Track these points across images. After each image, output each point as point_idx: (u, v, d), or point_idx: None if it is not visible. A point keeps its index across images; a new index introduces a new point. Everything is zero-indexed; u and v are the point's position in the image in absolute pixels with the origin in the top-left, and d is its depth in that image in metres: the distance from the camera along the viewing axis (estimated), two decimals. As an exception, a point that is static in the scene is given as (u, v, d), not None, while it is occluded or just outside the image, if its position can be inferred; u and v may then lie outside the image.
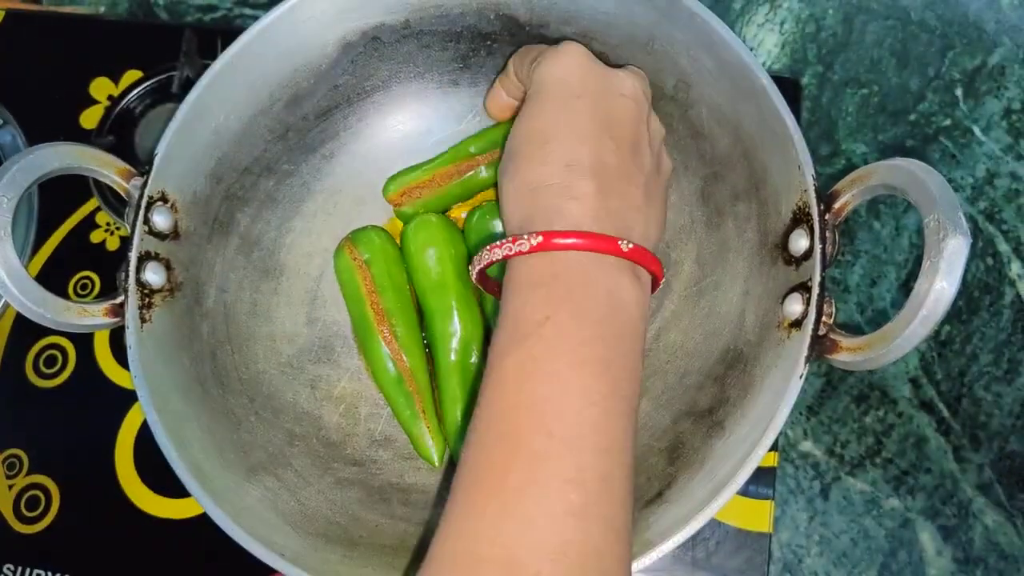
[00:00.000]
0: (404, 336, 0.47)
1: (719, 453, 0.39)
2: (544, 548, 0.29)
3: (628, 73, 0.40)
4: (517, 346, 0.33)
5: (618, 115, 0.38)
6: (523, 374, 0.33)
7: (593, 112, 0.37)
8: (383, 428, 0.49)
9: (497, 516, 0.30)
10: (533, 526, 0.29)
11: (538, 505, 0.30)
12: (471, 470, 0.32)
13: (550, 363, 0.32)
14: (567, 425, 0.31)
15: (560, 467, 0.31)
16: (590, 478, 0.31)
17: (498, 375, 0.33)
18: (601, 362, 0.33)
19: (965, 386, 0.53)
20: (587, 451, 0.31)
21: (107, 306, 0.41)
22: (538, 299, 0.34)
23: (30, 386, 0.56)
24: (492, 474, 0.31)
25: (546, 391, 0.32)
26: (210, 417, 0.43)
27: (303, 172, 0.51)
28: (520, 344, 0.33)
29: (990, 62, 0.59)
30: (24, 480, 0.54)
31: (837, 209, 0.38)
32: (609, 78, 0.39)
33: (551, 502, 0.30)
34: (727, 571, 0.49)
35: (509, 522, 0.30)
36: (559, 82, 0.39)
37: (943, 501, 0.51)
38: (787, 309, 0.39)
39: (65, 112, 0.61)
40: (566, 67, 0.39)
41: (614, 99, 0.38)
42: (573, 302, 0.34)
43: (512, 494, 0.30)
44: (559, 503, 0.30)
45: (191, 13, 0.65)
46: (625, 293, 0.35)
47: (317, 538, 0.41)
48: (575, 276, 0.34)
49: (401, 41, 0.49)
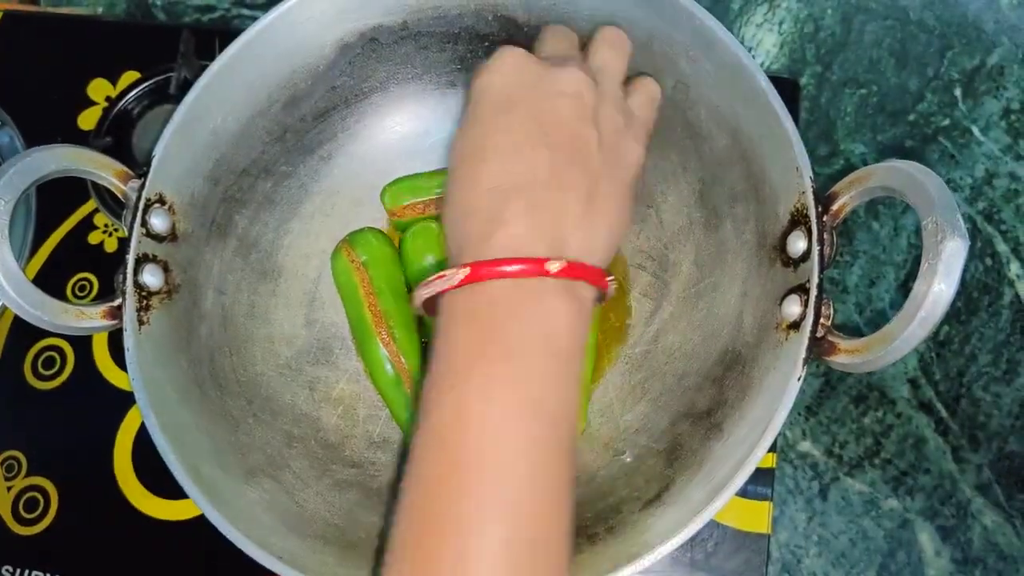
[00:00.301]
0: (402, 338, 0.47)
1: (717, 455, 0.39)
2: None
3: (572, 66, 0.37)
4: (448, 391, 0.32)
5: (556, 117, 0.35)
6: (455, 425, 0.32)
7: (525, 122, 0.35)
8: (381, 430, 0.49)
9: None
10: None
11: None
12: (402, 539, 0.32)
13: (480, 411, 0.31)
14: (499, 488, 0.30)
15: (490, 540, 0.30)
16: (522, 549, 0.30)
17: (428, 425, 0.32)
18: (534, 403, 0.32)
19: (964, 387, 0.53)
20: (523, 516, 0.30)
21: (105, 308, 0.41)
22: (468, 338, 0.33)
23: (29, 388, 0.56)
24: (421, 548, 0.31)
25: (477, 445, 0.31)
26: (208, 419, 0.43)
27: (301, 174, 0.50)
28: (451, 389, 0.32)
29: (989, 62, 0.59)
30: (23, 482, 0.54)
31: (835, 211, 0.38)
32: (545, 78, 0.36)
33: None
34: (725, 572, 0.49)
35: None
36: (492, 94, 0.36)
37: (942, 502, 0.51)
38: (785, 311, 0.39)
39: (63, 113, 0.61)
40: (499, 75, 0.37)
41: (551, 100, 0.36)
42: (502, 340, 0.32)
43: (441, 570, 0.30)
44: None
45: (189, 14, 0.65)
46: (558, 319, 0.33)
47: (315, 540, 0.41)
48: (503, 309, 0.33)
49: (399, 42, 0.49)
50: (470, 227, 0.35)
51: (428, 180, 0.50)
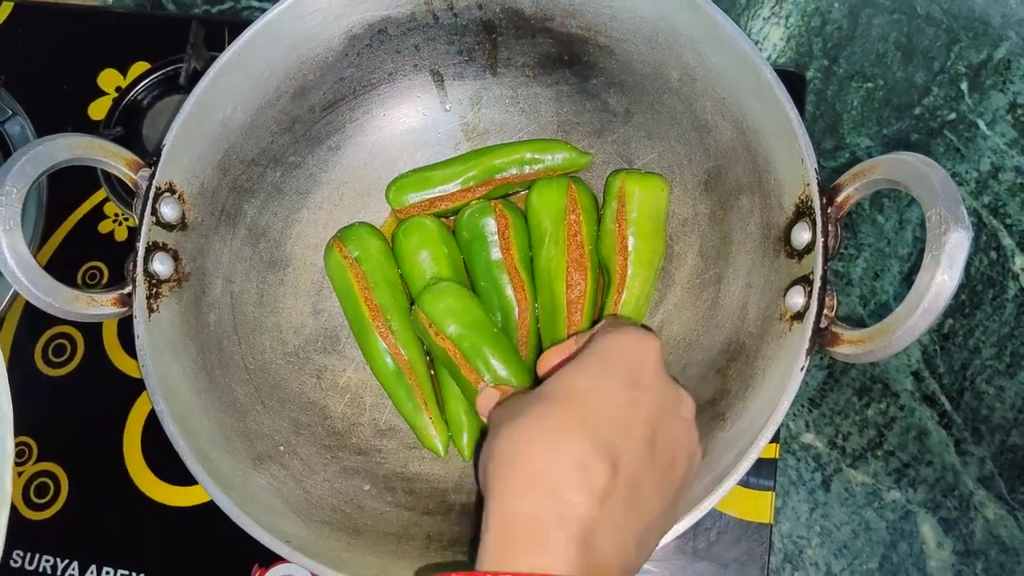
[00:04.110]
0: (400, 330, 0.47)
1: (720, 444, 0.40)
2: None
3: (688, 395, 0.36)
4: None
5: (668, 432, 0.33)
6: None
7: (648, 416, 0.32)
8: (387, 418, 0.49)
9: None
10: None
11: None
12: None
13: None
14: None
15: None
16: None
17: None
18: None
19: (967, 380, 0.53)
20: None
21: (115, 296, 0.41)
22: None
23: (39, 374, 0.56)
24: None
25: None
26: (217, 406, 0.43)
27: (309, 164, 0.51)
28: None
29: (996, 56, 0.59)
30: (33, 467, 0.55)
31: (839, 203, 0.38)
32: (675, 390, 0.35)
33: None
34: (727, 561, 0.49)
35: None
36: (628, 358, 0.34)
37: (944, 494, 0.52)
38: (789, 302, 0.39)
39: (73, 103, 0.62)
40: (639, 349, 0.34)
41: (672, 415, 0.34)
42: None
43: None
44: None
45: (198, 5, 0.65)
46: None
47: (322, 526, 0.42)
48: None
49: (407, 34, 0.49)
50: (556, 473, 0.30)
51: (434, 172, 0.50)
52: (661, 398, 0.34)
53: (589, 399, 0.32)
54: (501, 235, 0.48)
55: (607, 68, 0.48)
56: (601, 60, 0.48)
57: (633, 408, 0.32)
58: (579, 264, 0.47)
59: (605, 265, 0.48)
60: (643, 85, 0.48)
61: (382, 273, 0.48)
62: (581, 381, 0.33)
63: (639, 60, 0.46)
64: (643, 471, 0.32)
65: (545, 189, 0.48)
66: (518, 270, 0.48)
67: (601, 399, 0.32)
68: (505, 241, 0.48)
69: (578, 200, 0.48)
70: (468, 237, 0.49)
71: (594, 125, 0.51)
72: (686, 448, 0.34)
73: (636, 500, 0.31)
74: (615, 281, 0.46)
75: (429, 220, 0.49)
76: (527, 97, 0.52)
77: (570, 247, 0.47)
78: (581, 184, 0.49)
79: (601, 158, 0.51)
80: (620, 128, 0.50)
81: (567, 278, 0.47)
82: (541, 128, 0.52)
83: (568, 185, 0.48)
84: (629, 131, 0.50)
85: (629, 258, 0.46)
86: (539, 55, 0.50)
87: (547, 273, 0.47)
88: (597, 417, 0.32)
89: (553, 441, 0.31)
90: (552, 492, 0.30)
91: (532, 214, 0.49)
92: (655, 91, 0.47)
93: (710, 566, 0.49)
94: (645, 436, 0.32)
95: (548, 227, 0.48)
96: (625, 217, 0.46)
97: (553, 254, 0.47)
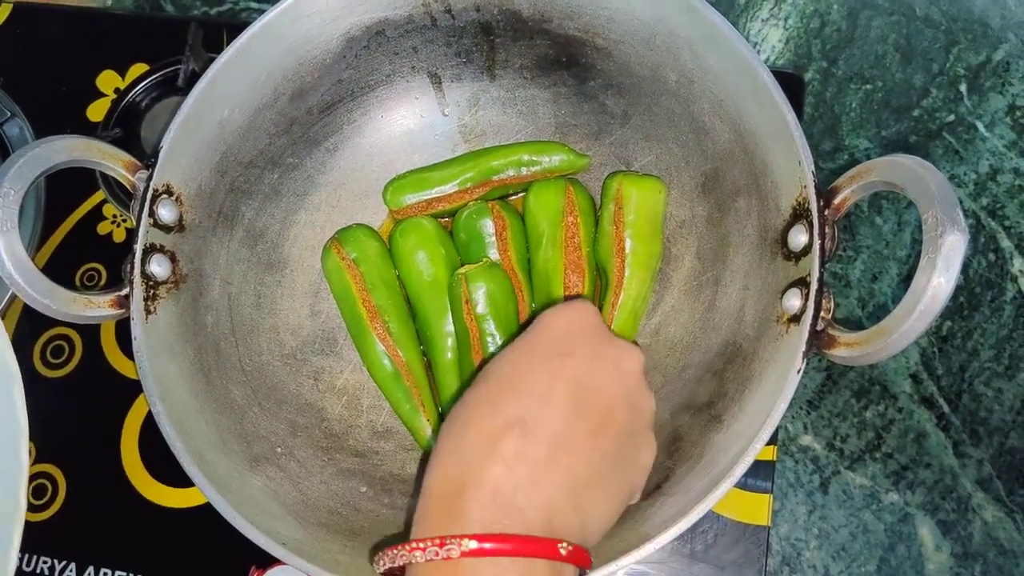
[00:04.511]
0: (398, 331, 0.47)
1: (717, 446, 0.39)
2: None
3: (633, 349, 0.37)
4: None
5: (600, 384, 0.35)
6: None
7: (573, 376, 0.35)
8: (385, 420, 0.49)
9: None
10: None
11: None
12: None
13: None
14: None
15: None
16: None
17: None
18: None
19: (966, 382, 0.53)
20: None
21: (113, 297, 0.41)
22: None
23: (38, 376, 0.56)
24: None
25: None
26: (214, 408, 0.43)
27: (307, 166, 0.51)
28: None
29: (995, 58, 0.58)
30: (31, 469, 0.55)
31: (837, 205, 0.38)
32: (609, 347, 0.36)
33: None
34: (725, 564, 0.49)
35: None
36: (554, 332, 0.36)
37: (943, 496, 0.52)
38: (786, 304, 0.39)
39: (72, 105, 0.62)
40: (568, 319, 0.37)
41: (604, 368, 0.36)
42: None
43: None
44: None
45: (197, 7, 0.65)
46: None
47: (319, 528, 0.42)
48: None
49: (405, 36, 0.49)
50: (471, 448, 0.33)
51: (432, 174, 0.50)
52: (590, 360, 0.36)
53: (506, 375, 0.35)
54: (499, 236, 0.48)
55: (605, 70, 0.48)
56: (599, 62, 0.48)
57: (555, 374, 0.35)
58: (576, 266, 0.47)
59: (602, 267, 0.48)
60: (641, 87, 0.48)
61: (380, 274, 0.48)
62: (503, 362, 0.36)
63: (637, 62, 0.46)
64: (569, 429, 0.34)
65: (543, 191, 0.49)
66: (516, 271, 0.48)
67: (519, 372, 0.35)
68: (503, 242, 0.48)
69: (576, 202, 0.48)
70: (465, 238, 0.49)
71: (592, 127, 0.51)
72: (625, 399, 0.36)
73: (562, 456, 0.33)
74: (612, 283, 0.46)
75: (426, 221, 0.49)
76: (525, 99, 0.52)
77: (567, 249, 0.47)
78: (579, 186, 0.49)
79: (599, 160, 0.51)
80: (618, 130, 0.50)
81: (564, 280, 0.47)
82: (539, 130, 0.52)
83: (566, 187, 0.48)
84: (627, 133, 0.50)
85: (626, 260, 0.46)
86: (537, 57, 0.50)
87: (544, 275, 0.47)
88: (511, 390, 0.35)
89: (467, 418, 0.34)
90: (464, 464, 0.33)
91: (529, 216, 0.49)
92: (653, 93, 0.47)
93: (707, 568, 0.49)
94: (569, 397, 0.34)
95: (546, 229, 0.48)
96: (622, 219, 0.46)
97: (551, 256, 0.47)
